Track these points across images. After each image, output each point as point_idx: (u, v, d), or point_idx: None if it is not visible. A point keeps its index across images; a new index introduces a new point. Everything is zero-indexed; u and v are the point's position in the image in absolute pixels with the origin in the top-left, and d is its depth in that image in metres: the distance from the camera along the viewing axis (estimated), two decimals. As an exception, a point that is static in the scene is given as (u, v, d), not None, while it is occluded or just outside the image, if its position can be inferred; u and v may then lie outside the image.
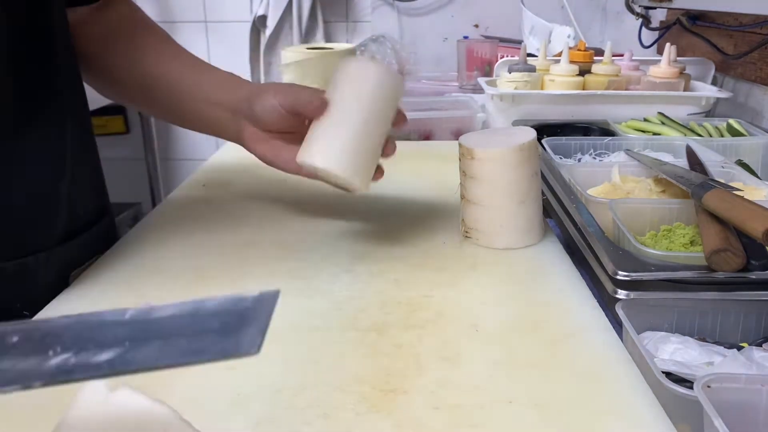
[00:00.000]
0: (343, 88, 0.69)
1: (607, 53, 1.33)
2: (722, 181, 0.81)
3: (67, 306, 0.62)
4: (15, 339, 0.27)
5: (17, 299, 0.64)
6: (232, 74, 0.79)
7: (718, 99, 1.26)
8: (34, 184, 0.66)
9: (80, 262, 0.71)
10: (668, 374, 0.51)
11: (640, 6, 1.71)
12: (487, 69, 1.71)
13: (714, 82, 1.42)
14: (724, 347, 0.57)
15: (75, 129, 0.71)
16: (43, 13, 0.65)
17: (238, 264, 0.70)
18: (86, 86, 0.77)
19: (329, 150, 0.66)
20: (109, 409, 0.35)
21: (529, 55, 1.40)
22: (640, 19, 1.75)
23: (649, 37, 1.76)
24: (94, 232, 0.75)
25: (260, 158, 0.75)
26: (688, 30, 1.54)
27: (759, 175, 0.95)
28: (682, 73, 1.30)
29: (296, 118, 0.71)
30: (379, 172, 0.71)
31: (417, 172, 1.02)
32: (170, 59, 0.80)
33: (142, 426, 0.35)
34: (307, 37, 2.15)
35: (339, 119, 0.67)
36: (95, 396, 0.36)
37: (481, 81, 1.37)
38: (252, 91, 0.74)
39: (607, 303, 0.63)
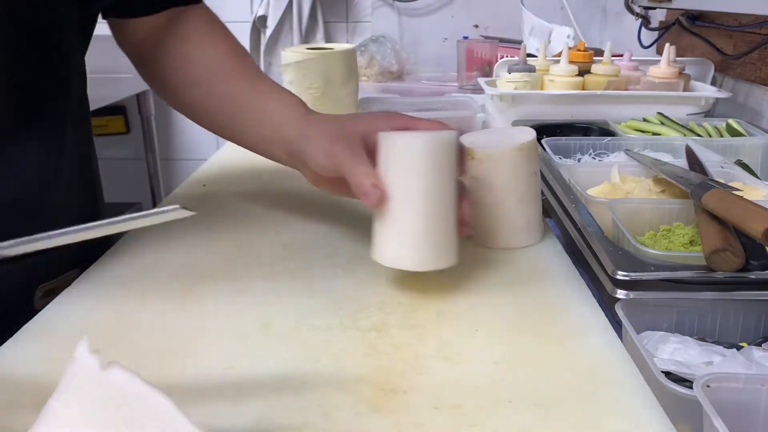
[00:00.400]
0: (395, 172, 0.61)
1: (606, 53, 1.33)
2: (722, 181, 0.81)
3: (66, 306, 0.62)
4: None
5: None
6: (288, 102, 0.74)
7: (717, 99, 1.26)
8: (20, 188, 0.64)
9: (53, 275, 0.69)
10: (668, 374, 0.51)
11: (639, 6, 1.71)
12: (486, 69, 1.72)
13: (713, 83, 1.42)
14: (724, 347, 0.57)
15: (71, 146, 0.70)
16: (43, 14, 0.65)
17: (238, 264, 0.70)
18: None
19: (404, 251, 0.61)
20: (102, 389, 0.35)
21: (529, 55, 1.40)
22: (640, 20, 1.75)
23: (648, 37, 1.76)
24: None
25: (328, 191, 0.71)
26: (688, 30, 1.54)
27: (758, 175, 0.96)
28: (681, 73, 1.30)
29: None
30: (463, 226, 0.63)
31: (417, 172, 1.02)
32: (237, 76, 0.77)
33: (137, 412, 0.34)
34: (307, 37, 2.15)
35: (402, 211, 0.60)
36: (86, 373, 0.35)
37: (481, 81, 1.37)
38: (300, 136, 0.68)
39: (606, 303, 0.63)
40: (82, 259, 0.72)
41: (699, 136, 1.12)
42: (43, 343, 0.56)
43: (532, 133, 0.75)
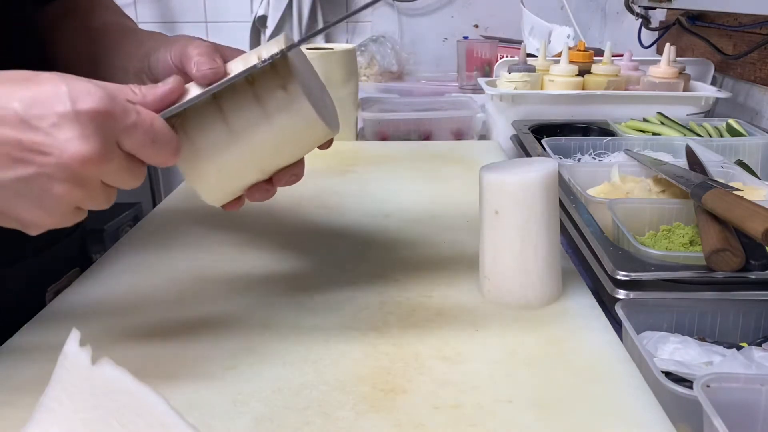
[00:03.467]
0: (513, 211, 0.59)
1: (606, 53, 1.33)
2: (722, 181, 0.82)
3: (67, 306, 0.62)
4: None
5: None
6: (154, 33, 0.65)
7: (717, 99, 1.26)
8: None
9: (56, 277, 0.69)
10: (668, 374, 0.51)
11: (639, 6, 1.71)
12: (486, 69, 1.72)
13: (713, 83, 1.42)
14: (724, 347, 0.57)
15: None
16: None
17: (238, 264, 0.70)
18: None
19: (529, 288, 0.60)
20: (93, 386, 0.35)
21: (529, 55, 1.40)
22: (640, 20, 1.75)
23: (648, 37, 1.76)
24: (66, 243, 0.73)
25: None
26: (688, 30, 1.54)
27: (758, 175, 0.96)
28: (681, 73, 1.30)
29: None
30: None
31: (417, 172, 1.02)
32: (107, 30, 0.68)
33: (129, 409, 0.34)
34: (307, 37, 2.15)
35: (524, 249, 0.59)
36: (77, 369, 0.35)
37: (481, 81, 1.37)
38: (152, 46, 0.60)
39: (606, 303, 0.63)
40: (83, 259, 0.72)
41: (699, 136, 1.12)
42: (43, 342, 0.56)
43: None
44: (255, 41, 2.18)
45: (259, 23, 2.15)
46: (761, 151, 1.05)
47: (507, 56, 1.59)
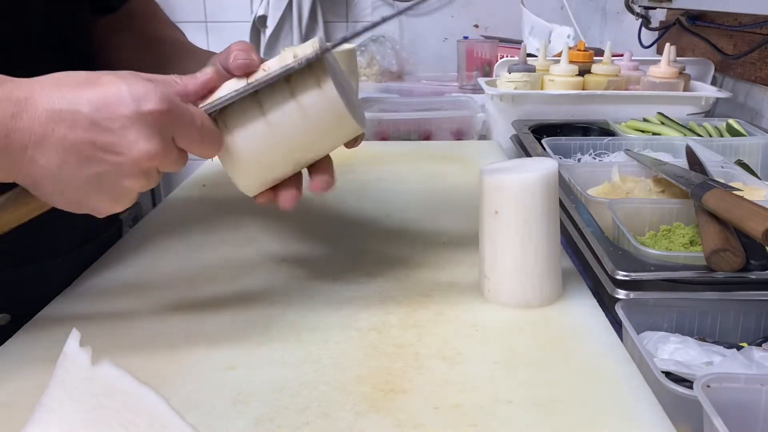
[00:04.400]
0: (511, 211, 0.59)
1: (606, 53, 1.33)
2: (722, 181, 0.81)
3: (67, 306, 0.62)
4: None
5: (32, 303, 0.62)
6: (212, 52, 0.70)
7: (717, 99, 1.26)
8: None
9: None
10: (668, 374, 0.51)
11: (639, 6, 1.71)
12: (486, 69, 1.72)
13: (713, 82, 1.42)
14: (724, 347, 0.57)
15: None
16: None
17: (238, 263, 0.70)
18: None
19: (528, 289, 0.60)
20: (93, 386, 0.35)
21: (529, 55, 1.40)
22: (640, 20, 1.75)
23: (648, 37, 1.76)
24: (105, 237, 0.76)
25: None
26: (688, 30, 1.54)
27: (759, 175, 0.96)
28: (681, 73, 1.30)
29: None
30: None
31: (417, 172, 1.02)
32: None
33: (129, 410, 0.34)
34: (307, 37, 2.14)
35: (525, 250, 0.59)
36: (77, 370, 0.35)
37: (481, 81, 1.37)
38: (209, 60, 0.62)
39: (606, 303, 0.63)
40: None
41: (699, 136, 1.12)
42: (43, 342, 0.56)
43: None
44: (255, 41, 2.18)
45: (259, 23, 2.15)
46: (761, 151, 1.05)
47: (507, 56, 1.59)
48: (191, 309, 0.61)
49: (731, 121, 1.15)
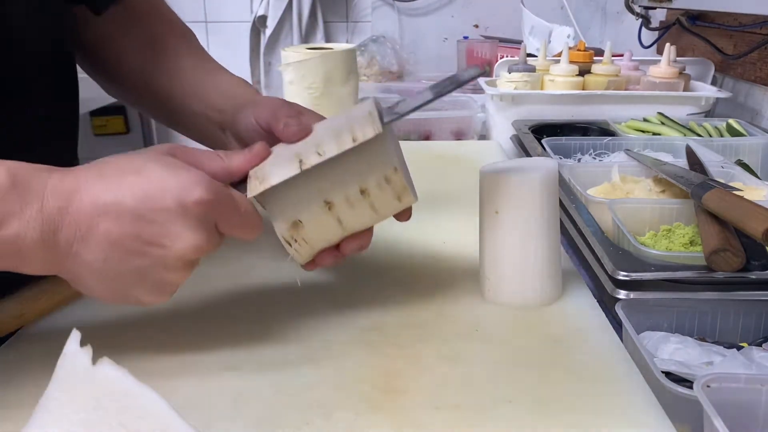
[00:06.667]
0: (512, 209, 0.59)
1: (606, 53, 1.33)
2: (722, 181, 0.81)
3: (68, 306, 0.62)
4: None
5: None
6: (238, 81, 0.70)
7: (717, 99, 1.26)
8: None
9: None
10: (668, 374, 0.51)
11: (639, 6, 1.71)
12: (487, 69, 1.71)
13: (714, 82, 1.42)
14: (724, 347, 0.57)
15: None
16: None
17: (238, 263, 0.70)
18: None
19: (529, 288, 0.60)
20: (93, 386, 0.35)
21: (529, 55, 1.40)
22: (640, 19, 1.75)
23: (648, 37, 1.76)
24: None
25: None
26: (688, 30, 1.54)
27: (759, 175, 0.96)
28: (681, 73, 1.30)
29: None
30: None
31: (416, 173, 1.02)
32: (184, 56, 0.73)
33: (129, 410, 0.34)
34: (307, 37, 2.15)
35: (525, 249, 0.59)
36: (77, 370, 0.35)
37: (481, 81, 1.37)
38: (239, 103, 0.64)
39: (607, 303, 0.63)
40: None
41: (699, 136, 1.12)
42: (43, 342, 0.56)
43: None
44: (255, 41, 2.18)
45: (259, 23, 2.15)
46: (761, 151, 1.05)
47: (507, 56, 1.59)
48: (191, 309, 0.61)
49: (731, 121, 1.15)
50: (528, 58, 1.35)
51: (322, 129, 0.53)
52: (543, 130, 1.18)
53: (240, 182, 0.51)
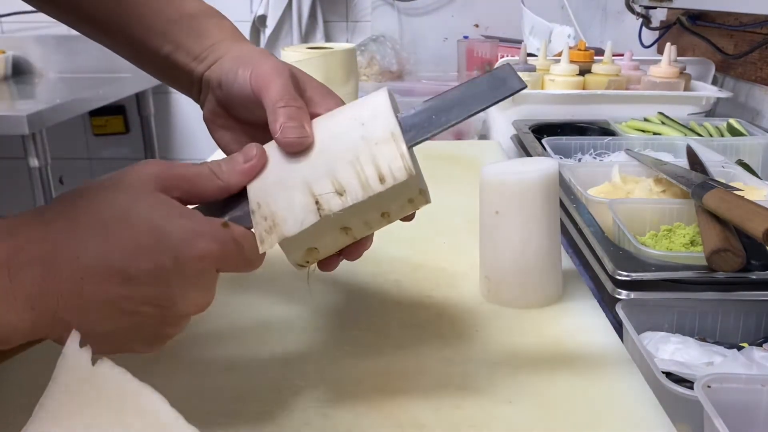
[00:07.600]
0: (513, 210, 0.58)
1: (607, 53, 1.33)
2: (722, 181, 0.81)
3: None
4: None
5: None
6: (208, 9, 0.59)
7: (718, 99, 1.26)
8: None
9: None
10: (668, 374, 0.51)
11: (640, 6, 1.71)
12: (487, 69, 1.71)
13: (714, 82, 1.42)
14: (724, 347, 0.57)
15: None
16: None
17: (238, 264, 0.70)
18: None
19: (530, 290, 0.60)
20: (93, 386, 0.35)
21: (529, 55, 1.40)
22: (641, 19, 1.75)
23: (649, 36, 1.76)
24: None
25: (222, 148, 0.56)
26: (689, 30, 1.54)
27: (759, 175, 0.96)
28: (682, 72, 1.30)
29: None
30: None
31: (417, 172, 1.02)
32: None
33: (129, 410, 0.34)
34: (307, 36, 2.15)
35: (525, 251, 0.59)
36: (77, 370, 0.35)
37: (481, 81, 1.36)
38: (219, 49, 0.55)
39: (607, 303, 0.63)
40: None
41: (700, 135, 1.11)
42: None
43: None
44: (255, 41, 2.18)
45: (259, 23, 2.15)
46: (762, 151, 1.05)
47: (507, 56, 1.59)
48: (191, 309, 0.61)
49: (732, 120, 1.15)
50: (528, 58, 1.35)
51: (330, 140, 0.46)
52: (543, 130, 1.18)
53: (234, 197, 0.46)
